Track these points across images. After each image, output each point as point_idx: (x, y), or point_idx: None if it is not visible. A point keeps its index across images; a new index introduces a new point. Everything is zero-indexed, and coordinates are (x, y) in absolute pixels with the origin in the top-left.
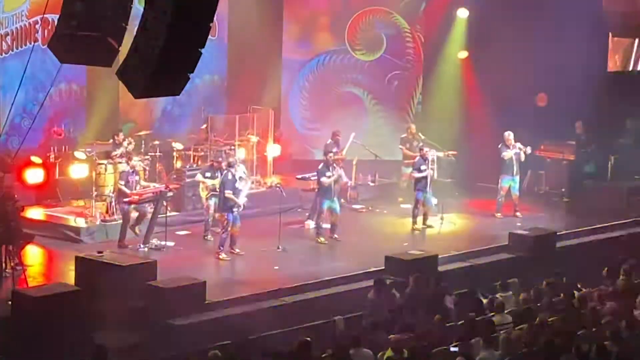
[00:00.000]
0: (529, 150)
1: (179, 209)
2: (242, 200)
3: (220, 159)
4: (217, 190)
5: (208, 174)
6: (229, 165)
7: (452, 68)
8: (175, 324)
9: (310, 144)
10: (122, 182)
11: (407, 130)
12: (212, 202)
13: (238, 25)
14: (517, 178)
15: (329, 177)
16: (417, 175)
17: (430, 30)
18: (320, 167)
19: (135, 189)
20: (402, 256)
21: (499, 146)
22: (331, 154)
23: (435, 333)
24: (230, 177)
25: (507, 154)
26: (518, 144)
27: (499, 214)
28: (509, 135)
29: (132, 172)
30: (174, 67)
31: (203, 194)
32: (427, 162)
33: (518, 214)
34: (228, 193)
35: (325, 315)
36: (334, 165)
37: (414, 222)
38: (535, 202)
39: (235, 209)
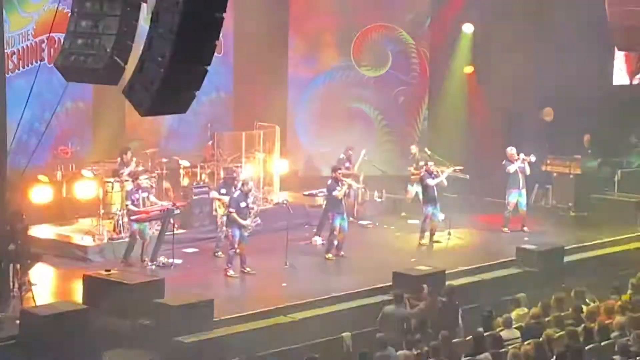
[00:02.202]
0: (533, 158)
1: (186, 227)
2: (248, 222)
3: (234, 175)
4: None
5: (223, 191)
6: (243, 184)
7: (458, 83)
8: (184, 341)
9: (317, 160)
10: (129, 202)
11: (410, 152)
12: (225, 218)
13: (244, 42)
14: (524, 192)
15: (339, 191)
16: (432, 182)
17: (435, 46)
18: (329, 182)
19: (144, 206)
20: (410, 272)
21: (503, 162)
22: (340, 171)
23: (444, 349)
24: (235, 195)
25: (512, 167)
26: (521, 155)
27: (506, 229)
28: (511, 150)
29: (137, 190)
30: (180, 84)
31: (220, 211)
32: (432, 175)
33: (525, 228)
34: (231, 211)
35: (333, 331)
36: (343, 181)
37: (422, 237)
38: (543, 216)
39: (243, 230)
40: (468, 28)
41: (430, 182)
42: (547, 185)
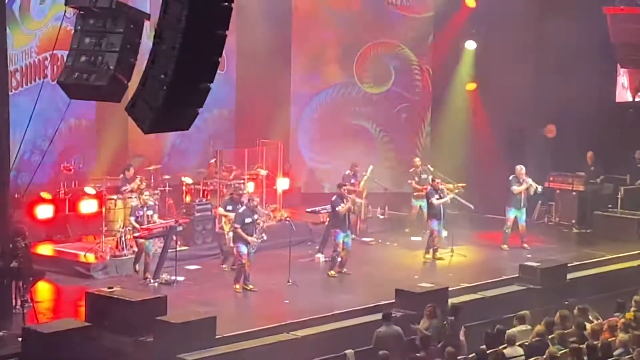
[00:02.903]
0: (539, 189)
1: (189, 244)
2: (253, 237)
3: (240, 192)
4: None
5: (229, 207)
6: (247, 200)
7: (461, 100)
8: (186, 359)
9: (320, 177)
10: (133, 218)
11: (413, 164)
12: (231, 234)
13: (246, 59)
14: (524, 210)
15: (343, 207)
16: (437, 202)
17: (438, 63)
18: (334, 199)
19: (147, 224)
20: (413, 289)
21: (510, 178)
22: (345, 187)
23: None
24: (241, 211)
25: (517, 188)
26: (529, 180)
27: (505, 246)
28: (522, 169)
29: (142, 207)
30: (182, 101)
31: (226, 227)
32: (439, 192)
33: (525, 245)
34: (236, 227)
35: (336, 348)
36: (348, 197)
37: (427, 252)
38: (546, 233)
39: (249, 246)
40: (470, 45)
41: (434, 201)
42: (549, 202)
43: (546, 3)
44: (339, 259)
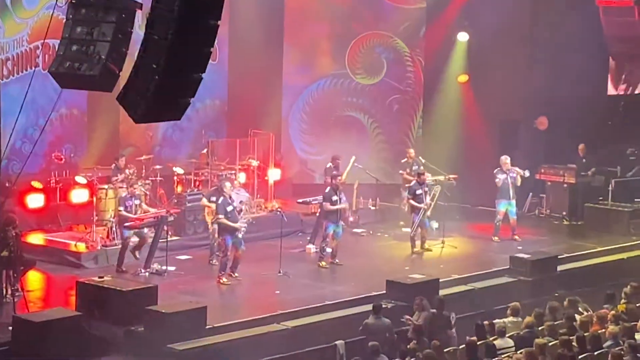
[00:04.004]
0: (527, 173)
1: (180, 234)
2: (239, 224)
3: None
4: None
5: (213, 198)
6: (220, 190)
7: (453, 92)
8: (176, 348)
9: (311, 168)
10: (122, 208)
11: (406, 154)
12: (216, 226)
13: (239, 50)
14: (514, 202)
15: (335, 201)
16: (414, 203)
17: (430, 54)
18: (327, 190)
19: (135, 214)
20: (404, 280)
21: (495, 171)
22: (339, 178)
23: (437, 358)
24: (220, 201)
25: (500, 177)
26: (515, 168)
27: (496, 238)
28: (506, 159)
29: (131, 197)
30: (174, 92)
31: (208, 218)
32: (423, 186)
33: (516, 237)
34: (220, 218)
35: (327, 339)
36: (341, 189)
37: (413, 246)
38: (536, 225)
39: (237, 233)
40: (463, 36)
41: (419, 193)
42: (540, 194)
43: None
44: (329, 250)
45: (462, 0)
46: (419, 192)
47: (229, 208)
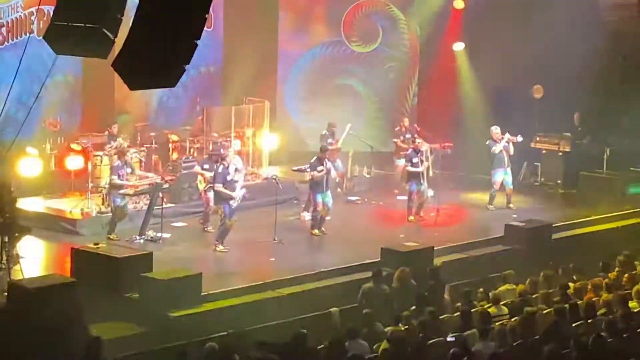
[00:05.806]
0: (519, 138)
1: (175, 201)
2: (237, 193)
3: (220, 152)
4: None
5: (206, 166)
6: (222, 158)
7: (448, 60)
8: (171, 315)
9: (306, 135)
10: (115, 177)
11: (400, 123)
12: (211, 194)
13: (233, 17)
14: (509, 170)
15: (320, 171)
16: (411, 169)
17: (426, 22)
18: (312, 160)
19: (127, 182)
20: (398, 248)
21: (487, 142)
22: (328, 150)
23: (431, 325)
24: (220, 170)
25: (497, 147)
26: (507, 135)
27: (491, 206)
28: (496, 129)
29: (123, 165)
30: (169, 58)
31: (201, 186)
32: (419, 154)
33: (511, 205)
34: (218, 187)
35: (321, 306)
36: (327, 159)
37: (409, 214)
38: (531, 193)
39: (232, 202)
40: (459, 4)
41: (415, 161)
42: (535, 162)
43: None
44: (319, 217)
45: None
46: (415, 160)
47: (229, 177)
